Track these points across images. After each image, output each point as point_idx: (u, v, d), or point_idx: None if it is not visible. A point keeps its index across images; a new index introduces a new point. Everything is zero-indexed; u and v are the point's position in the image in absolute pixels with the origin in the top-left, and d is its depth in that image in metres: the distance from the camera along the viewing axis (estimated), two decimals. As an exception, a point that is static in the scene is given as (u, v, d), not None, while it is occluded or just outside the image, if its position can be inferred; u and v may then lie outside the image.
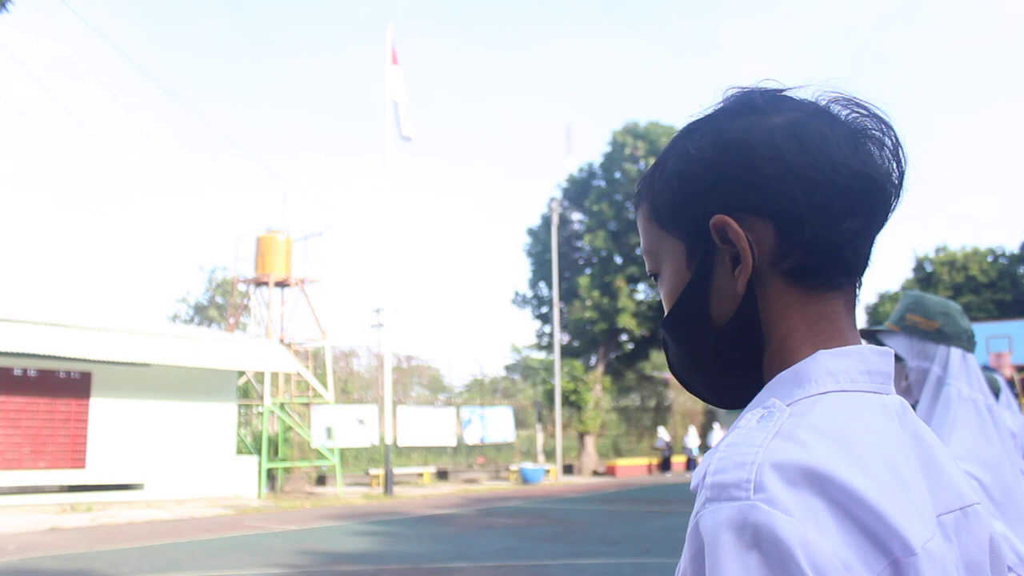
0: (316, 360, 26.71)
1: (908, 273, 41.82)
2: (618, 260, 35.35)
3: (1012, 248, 38.93)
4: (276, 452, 23.96)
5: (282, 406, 23.73)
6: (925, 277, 37.78)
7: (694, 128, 0.92)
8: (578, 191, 36.75)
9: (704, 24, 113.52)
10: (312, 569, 10.98)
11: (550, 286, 35.15)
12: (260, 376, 24.09)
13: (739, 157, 0.86)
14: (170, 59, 75.20)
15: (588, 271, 35.98)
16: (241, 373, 23.67)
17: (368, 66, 74.63)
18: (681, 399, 40.97)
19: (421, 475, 27.40)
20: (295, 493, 23.18)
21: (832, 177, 0.83)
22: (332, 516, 17.83)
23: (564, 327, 35.45)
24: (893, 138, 0.86)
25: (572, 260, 36.44)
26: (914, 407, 2.94)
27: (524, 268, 42.76)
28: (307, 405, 24.56)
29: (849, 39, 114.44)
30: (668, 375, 41.89)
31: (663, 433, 35.05)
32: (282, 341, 24.60)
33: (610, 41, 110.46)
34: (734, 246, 0.85)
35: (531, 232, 37.78)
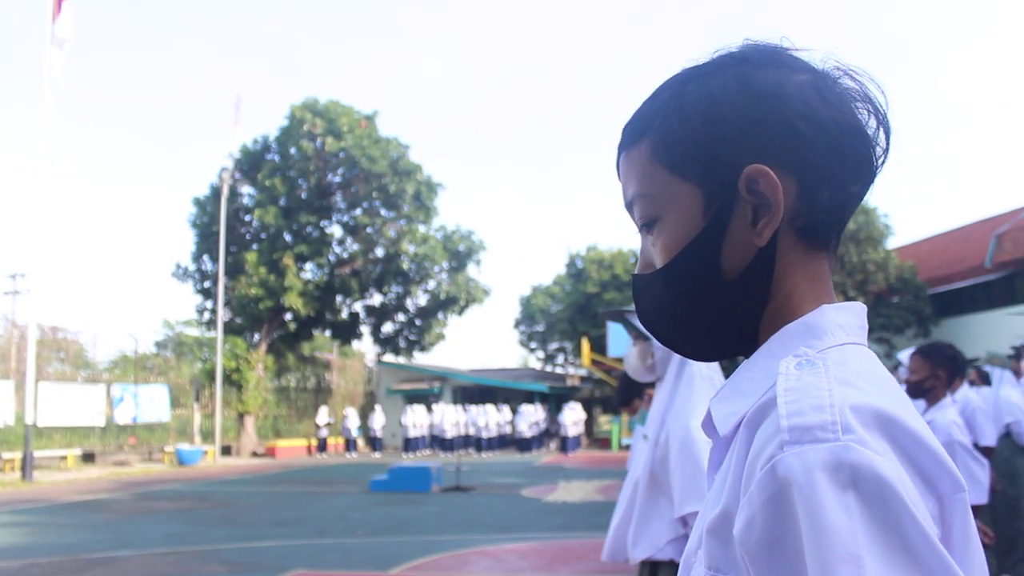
0: (-58, 329, 23.58)
1: (561, 268, 44.70)
2: (288, 238, 34.52)
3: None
4: None
5: None
6: (577, 272, 40.45)
7: (711, 71, 0.89)
8: (251, 164, 35.37)
9: (387, 7, 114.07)
10: (-53, 565, 9.77)
11: (215, 260, 33.64)
12: None
13: (773, 108, 0.85)
14: None
15: (256, 247, 34.83)
16: None
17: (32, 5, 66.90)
18: (341, 381, 40.94)
19: (64, 458, 25.12)
20: (-92, 479, 20.40)
21: (852, 140, 0.85)
22: (-40, 505, 15.94)
23: (227, 303, 34.11)
24: (884, 109, 0.88)
25: (239, 235, 35.10)
26: (659, 383, 3.28)
27: (188, 240, 40.52)
28: (-72, 380, 21.64)
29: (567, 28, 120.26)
30: (330, 356, 41.62)
31: (324, 414, 34.95)
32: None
33: (291, 13, 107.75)
34: (761, 197, 0.84)
35: (197, 202, 35.78)
